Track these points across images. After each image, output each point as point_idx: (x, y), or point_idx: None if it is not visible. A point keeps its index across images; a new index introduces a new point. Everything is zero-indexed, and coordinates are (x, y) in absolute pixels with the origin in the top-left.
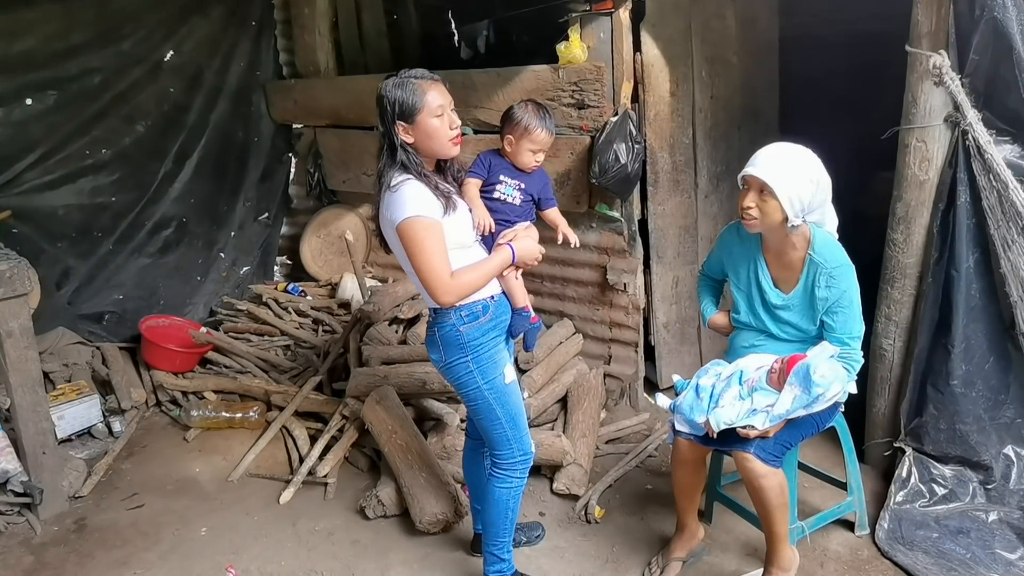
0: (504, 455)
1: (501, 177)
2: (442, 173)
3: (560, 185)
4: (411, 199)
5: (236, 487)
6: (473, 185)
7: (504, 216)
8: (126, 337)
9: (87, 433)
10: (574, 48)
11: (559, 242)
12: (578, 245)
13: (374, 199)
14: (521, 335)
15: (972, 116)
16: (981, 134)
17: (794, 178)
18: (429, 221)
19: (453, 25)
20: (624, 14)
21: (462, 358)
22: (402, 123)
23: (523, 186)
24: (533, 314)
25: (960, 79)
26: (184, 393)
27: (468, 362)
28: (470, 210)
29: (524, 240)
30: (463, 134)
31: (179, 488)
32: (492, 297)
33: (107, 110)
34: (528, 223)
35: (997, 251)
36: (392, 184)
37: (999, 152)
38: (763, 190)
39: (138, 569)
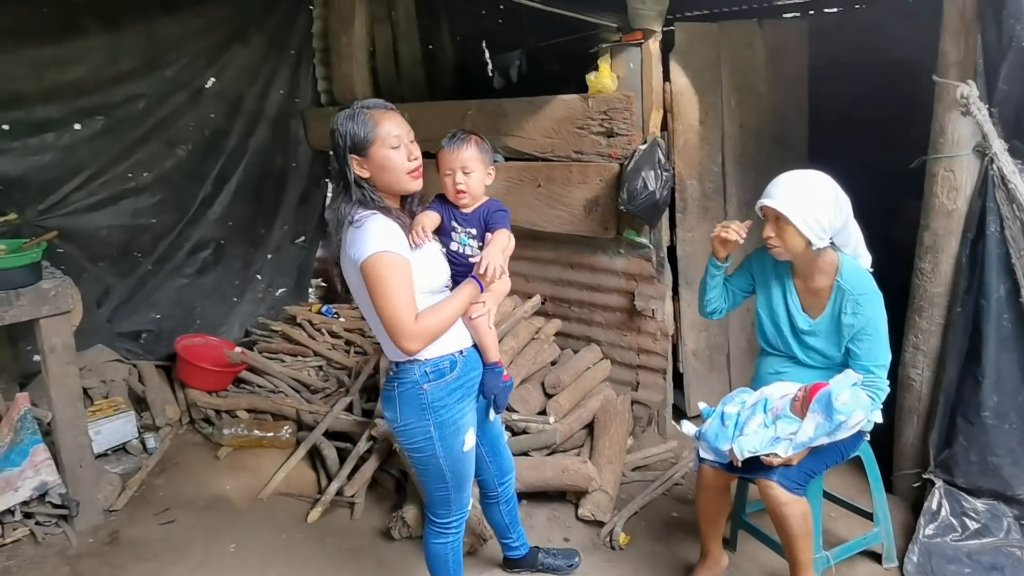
0: (442, 515)
1: (453, 224)
2: (404, 212)
3: (589, 211)
4: (376, 234)
5: (265, 505)
6: (427, 216)
7: (463, 269)
8: (162, 355)
9: (122, 448)
10: (604, 78)
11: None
12: (493, 276)
13: (332, 241)
14: (492, 396)
15: (997, 146)
16: (1006, 164)
17: (808, 202)
18: (396, 257)
19: (487, 55)
20: (654, 44)
21: (422, 421)
22: (355, 156)
23: (474, 232)
24: (506, 371)
25: (988, 108)
26: (217, 411)
27: (428, 426)
28: (443, 252)
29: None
30: (495, 162)
31: (209, 504)
32: (461, 352)
33: (150, 135)
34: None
35: (1019, 280)
36: (355, 219)
37: None
38: (779, 219)
39: None
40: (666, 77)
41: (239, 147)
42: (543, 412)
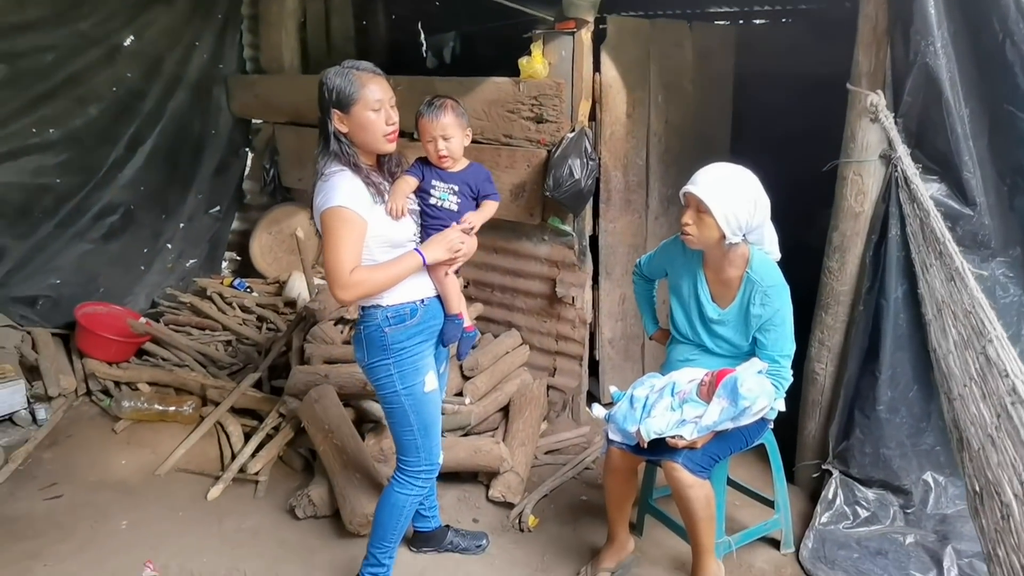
0: (411, 462)
1: (433, 183)
2: (380, 169)
3: (515, 196)
4: (339, 189)
5: (163, 482)
6: (405, 181)
7: (444, 222)
8: (60, 324)
9: (8, 420)
10: (536, 63)
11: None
12: (469, 230)
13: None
14: (455, 343)
15: (902, 151)
16: (909, 167)
17: (731, 197)
18: (351, 214)
19: (422, 35)
20: (586, 35)
21: (384, 360)
22: (337, 111)
23: (456, 188)
24: (468, 322)
25: (894, 118)
26: (117, 383)
27: (389, 365)
28: (411, 211)
29: (433, 243)
30: (414, 139)
31: (102, 480)
32: (422, 301)
33: (58, 90)
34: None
35: (917, 274)
36: (324, 173)
37: (927, 189)
38: (700, 208)
39: (49, 561)
40: (596, 68)
41: (156, 110)
42: (460, 394)
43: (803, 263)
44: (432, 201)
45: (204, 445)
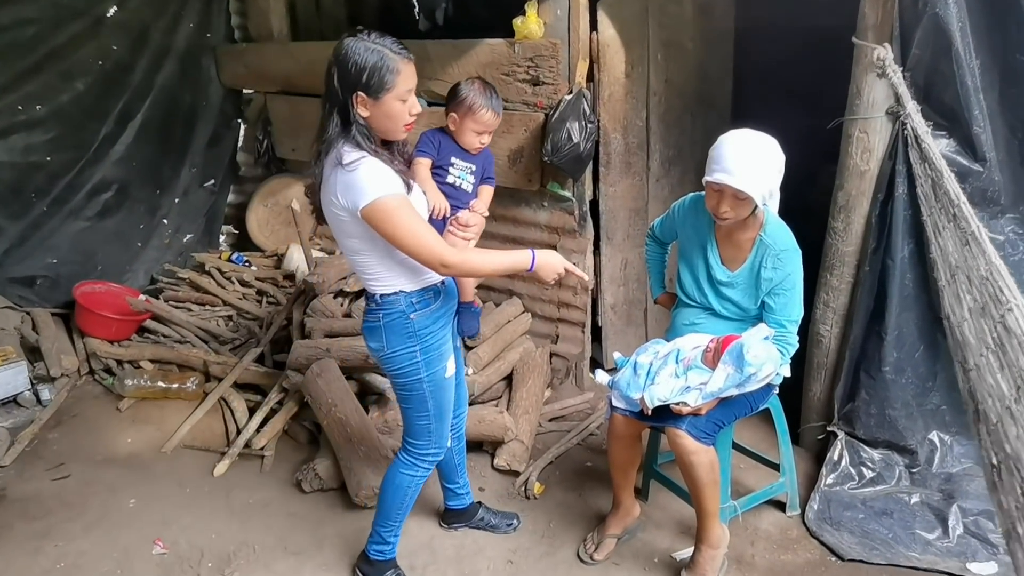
0: (421, 445)
1: (452, 160)
2: (389, 150)
3: (513, 162)
4: (374, 179)
5: (169, 459)
6: (423, 165)
7: (456, 202)
8: (60, 303)
9: (12, 401)
10: (531, 23)
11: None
12: (468, 224)
13: (314, 168)
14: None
15: (911, 107)
16: (919, 124)
17: (765, 174)
18: (400, 198)
19: None
20: None
21: (409, 347)
22: (363, 95)
23: (474, 168)
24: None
25: (902, 72)
26: (119, 362)
27: (415, 352)
28: (422, 191)
29: (548, 253)
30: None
31: (109, 459)
32: (443, 282)
33: (43, 64)
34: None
35: (928, 237)
36: (346, 162)
37: (936, 145)
38: (738, 195)
39: (60, 541)
40: (593, 27)
41: (144, 83)
42: (466, 345)
43: (806, 222)
44: (449, 180)
45: (209, 421)
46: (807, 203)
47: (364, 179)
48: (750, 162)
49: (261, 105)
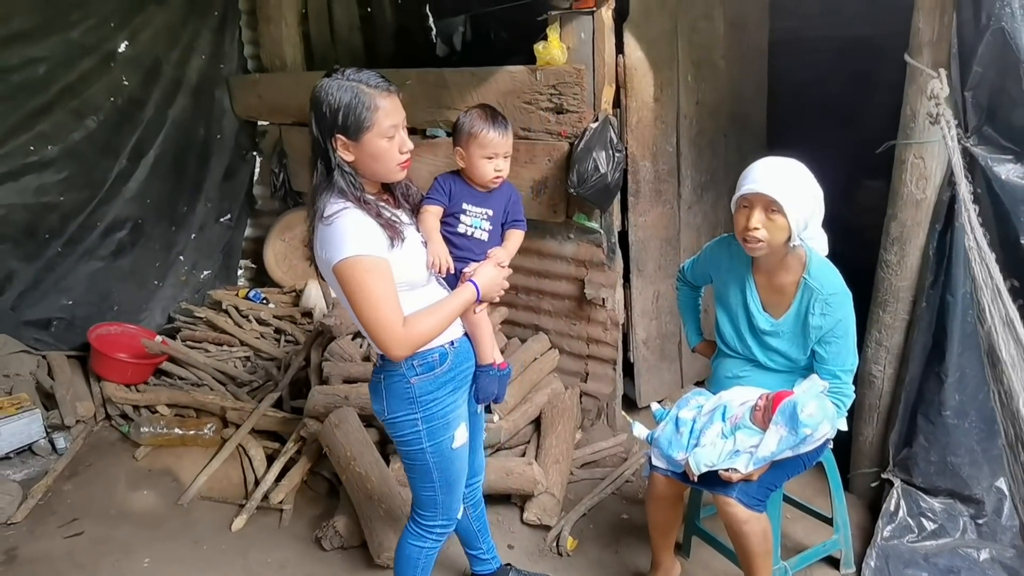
0: (427, 516)
1: (464, 206)
2: (390, 194)
3: (536, 194)
4: (349, 235)
5: (185, 512)
6: (432, 215)
7: (471, 255)
8: (76, 345)
9: (28, 450)
10: (553, 49)
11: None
12: (503, 265)
13: (308, 221)
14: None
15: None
16: (979, 150)
17: (800, 193)
18: (373, 260)
19: (430, 20)
20: (607, 13)
21: (409, 414)
22: (343, 138)
23: (491, 214)
24: (500, 357)
25: (962, 92)
26: (135, 407)
27: (416, 420)
28: (423, 242)
29: (484, 269)
30: (434, 136)
31: (123, 513)
32: (452, 343)
33: (54, 103)
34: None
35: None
36: (326, 215)
37: (1001, 171)
38: (771, 208)
39: None
40: (619, 50)
41: (157, 118)
42: (488, 409)
43: (846, 244)
44: (460, 229)
45: (227, 469)
46: (846, 222)
47: (340, 234)
48: (781, 175)
49: (276, 137)
